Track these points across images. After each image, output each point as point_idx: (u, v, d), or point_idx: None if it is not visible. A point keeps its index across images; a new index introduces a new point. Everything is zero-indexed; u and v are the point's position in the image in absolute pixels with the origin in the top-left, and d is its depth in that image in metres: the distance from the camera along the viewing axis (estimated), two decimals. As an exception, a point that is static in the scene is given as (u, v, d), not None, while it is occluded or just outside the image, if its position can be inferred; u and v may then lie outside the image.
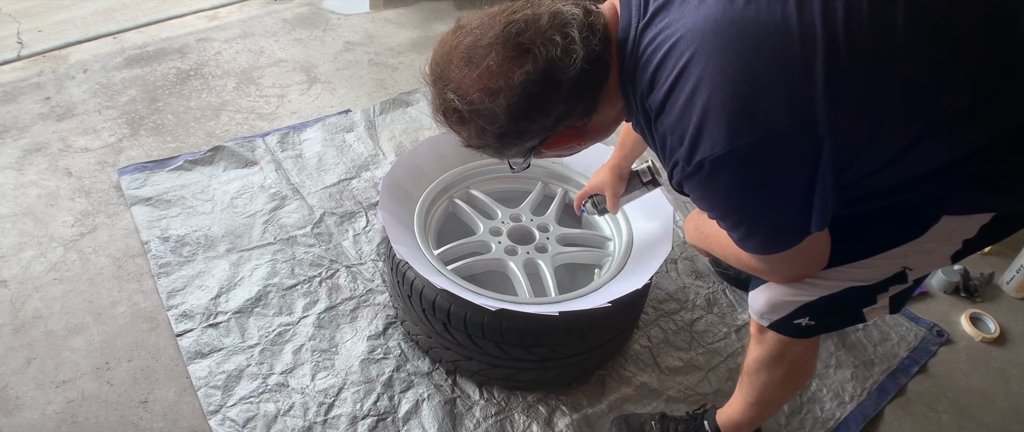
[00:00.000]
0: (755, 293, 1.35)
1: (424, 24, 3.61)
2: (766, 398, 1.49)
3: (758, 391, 1.48)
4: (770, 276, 1.26)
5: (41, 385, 1.80)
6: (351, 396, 1.79)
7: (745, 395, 1.53)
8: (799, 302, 1.27)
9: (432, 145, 2.07)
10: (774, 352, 1.39)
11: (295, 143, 2.64)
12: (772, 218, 1.08)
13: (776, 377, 1.43)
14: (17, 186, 2.40)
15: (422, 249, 1.82)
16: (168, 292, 2.02)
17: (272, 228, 2.26)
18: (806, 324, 1.30)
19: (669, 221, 1.89)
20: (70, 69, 3.07)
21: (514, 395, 1.83)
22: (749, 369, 1.47)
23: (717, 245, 1.36)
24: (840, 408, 1.91)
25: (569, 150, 1.22)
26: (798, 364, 1.42)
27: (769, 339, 1.38)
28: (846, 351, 2.06)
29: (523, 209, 2.05)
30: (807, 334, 1.33)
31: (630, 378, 1.92)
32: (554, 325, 1.68)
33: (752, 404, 1.52)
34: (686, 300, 2.17)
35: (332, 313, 2.00)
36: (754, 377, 1.47)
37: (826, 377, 1.99)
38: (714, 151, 0.98)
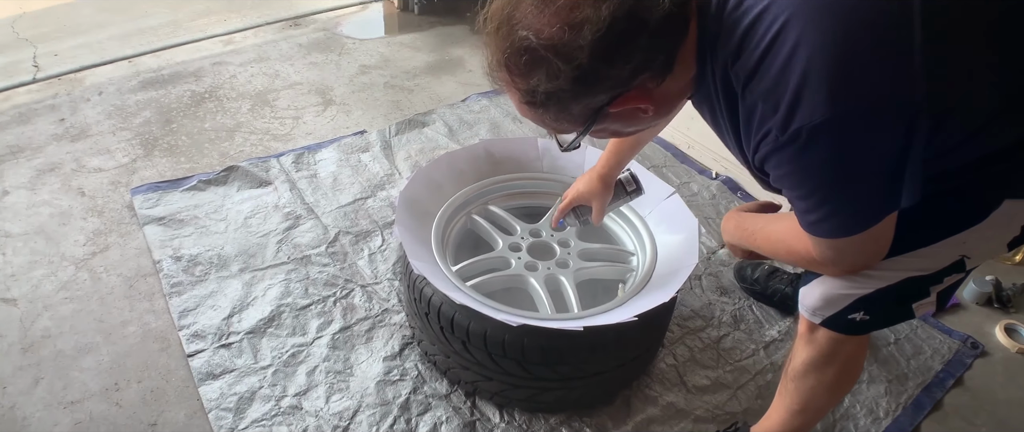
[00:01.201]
0: (807, 288, 1.28)
1: (440, 48, 3.59)
2: (812, 404, 1.42)
3: (804, 397, 1.41)
4: (829, 267, 1.19)
5: (49, 406, 1.74)
6: (367, 419, 1.72)
7: (788, 403, 1.45)
8: (855, 295, 1.21)
9: (450, 161, 2.03)
10: (825, 352, 1.32)
11: (310, 163, 2.60)
12: (860, 194, 1.01)
13: (826, 380, 1.36)
14: (30, 205, 2.38)
15: (440, 265, 1.76)
16: (180, 312, 1.97)
17: (286, 247, 2.22)
18: (860, 319, 1.23)
19: (694, 233, 1.82)
20: (85, 91, 3.06)
21: (536, 418, 1.76)
22: (796, 373, 1.40)
23: (764, 240, 1.30)
24: (875, 424, 1.83)
25: (631, 122, 1.12)
26: (849, 365, 1.35)
27: (820, 338, 1.32)
28: (879, 366, 1.98)
29: (543, 224, 1.99)
30: (860, 330, 1.27)
31: (656, 398, 1.84)
32: (578, 341, 1.61)
33: (796, 412, 1.45)
34: (712, 317, 2.10)
35: (347, 333, 1.94)
36: (801, 382, 1.39)
37: (859, 393, 1.90)
38: (813, 118, 0.92)
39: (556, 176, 2.11)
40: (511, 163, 2.10)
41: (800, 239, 1.15)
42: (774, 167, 1.02)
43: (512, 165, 2.10)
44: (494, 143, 2.12)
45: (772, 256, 1.32)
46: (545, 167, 2.12)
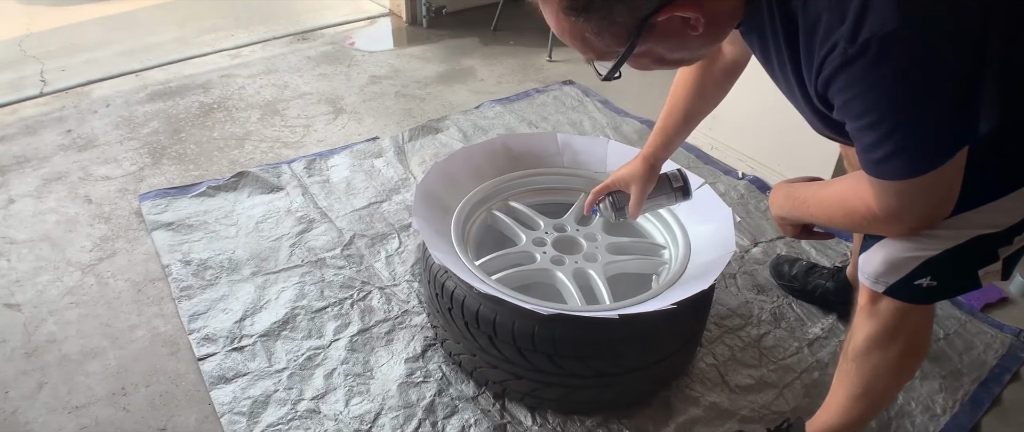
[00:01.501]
0: (868, 254, 1.19)
1: (450, 59, 3.53)
2: (876, 387, 1.32)
3: (866, 379, 1.31)
4: (893, 223, 1.08)
5: (53, 411, 1.65)
6: (389, 422, 1.62)
7: (848, 388, 1.35)
8: (921, 257, 1.12)
9: (466, 156, 1.95)
10: (889, 324, 1.22)
11: (322, 169, 2.52)
12: (932, 120, 0.92)
13: (891, 357, 1.26)
14: (35, 213, 2.30)
15: (461, 258, 1.67)
16: (189, 315, 1.88)
17: (299, 251, 2.13)
18: (927, 285, 1.14)
19: (729, 221, 1.74)
20: (92, 104, 3.01)
21: (570, 420, 1.65)
22: (857, 351, 1.30)
23: (817, 205, 1.21)
24: (933, 422, 1.72)
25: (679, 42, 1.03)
26: (914, 339, 1.25)
27: (883, 309, 1.22)
28: (930, 362, 1.88)
29: (567, 219, 1.90)
30: (927, 298, 1.18)
31: (698, 398, 1.74)
32: (613, 332, 1.51)
33: (858, 398, 1.34)
34: (750, 315, 2.00)
35: (366, 336, 1.85)
36: (862, 361, 1.29)
37: (913, 390, 1.80)
38: (885, 27, 0.85)
39: (578, 171, 2.03)
40: (530, 158, 2.02)
41: (859, 196, 1.07)
42: (839, 91, 0.94)
43: (531, 160, 2.02)
44: (512, 138, 2.05)
45: (827, 222, 1.23)
46: (566, 162, 2.04)
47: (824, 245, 2.27)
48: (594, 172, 2.01)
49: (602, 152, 2.03)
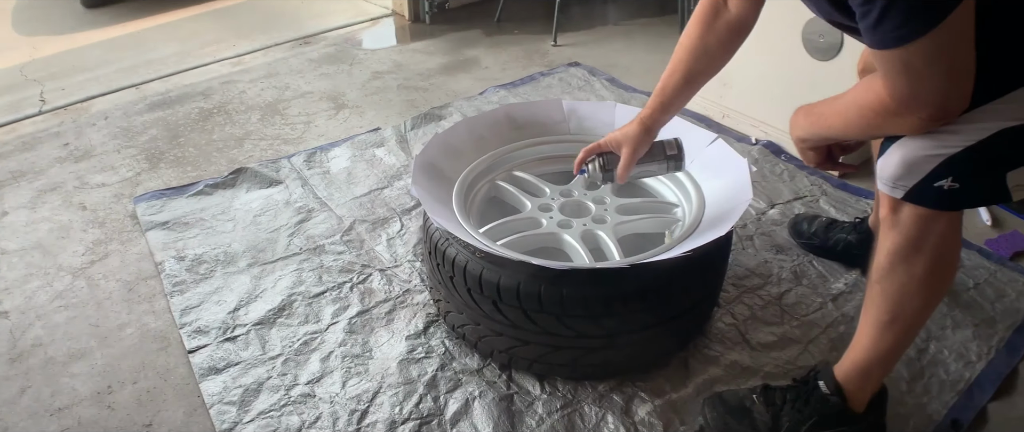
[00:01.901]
0: (884, 158, 1.10)
1: (454, 51, 3.45)
2: (904, 309, 1.20)
3: (893, 300, 1.19)
4: (908, 109, 1.00)
5: (34, 414, 1.56)
6: (388, 400, 1.51)
7: (875, 315, 1.23)
8: (940, 156, 1.04)
9: (469, 126, 1.85)
10: (912, 235, 1.12)
11: (322, 161, 2.44)
12: None
13: (917, 273, 1.15)
14: (28, 223, 2.23)
15: (464, 225, 1.56)
16: (181, 310, 1.79)
17: (298, 239, 2.04)
18: (949, 187, 1.05)
19: (745, 172, 1.61)
20: (91, 118, 2.95)
21: (582, 386, 1.53)
22: (881, 270, 1.18)
23: (833, 113, 1.15)
24: (968, 368, 1.59)
25: None
26: (941, 252, 1.14)
27: (905, 219, 1.12)
28: (961, 310, 1.75)
29: (574, 185, 1.79)
30: (950, 203, 1.08)
31: (717, 358, 1.61)
32: (624, 287, 1.39)
33: (887, 325, 1.22)
34: (769, 275, 1.87)
35: (365, 317, 1.75)
36: (887, 280, 1.18)
37: (944, 338, 1.67)
38: None
39: (584, 137, 1.90)
40: (535, 127, 1.91)
41: (871, 89, 1.03)
42: None
43: (536, 129, 1.91)
44: (516, 107, 1.94)
45: (844, 129, 1.15)
46: (572, 129, 1.93)
47: (843, 203, 2.14)
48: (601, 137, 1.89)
49: (609, 117, 1.92)
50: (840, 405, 1.33)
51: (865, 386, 1.32)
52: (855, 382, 1.32)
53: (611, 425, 1.46)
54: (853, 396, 1.33)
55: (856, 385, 1.32)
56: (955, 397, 1.54)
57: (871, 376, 1.30)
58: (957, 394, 1.54)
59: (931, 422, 1.48)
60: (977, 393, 1.55)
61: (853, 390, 1.33)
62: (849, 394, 1.33)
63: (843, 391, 1.33)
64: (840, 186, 2.25)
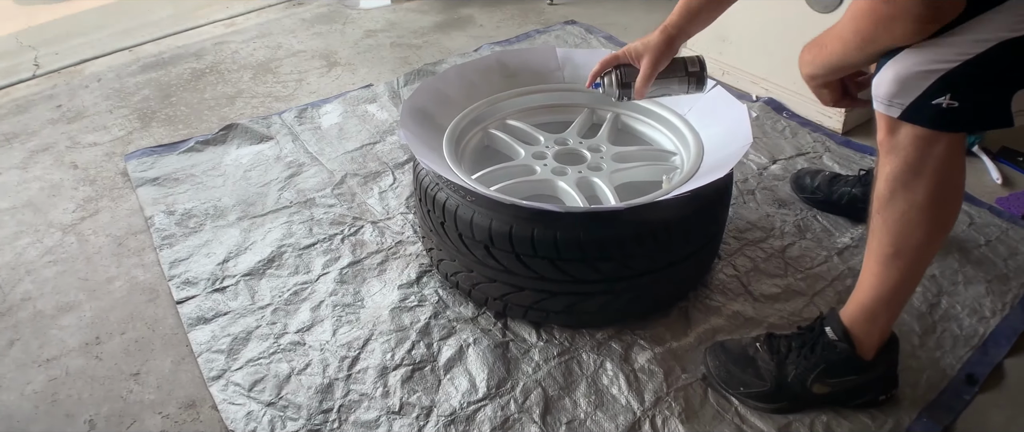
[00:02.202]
0: (880, 75, 1.05)
1: (448, 9, 3.39)
2: (907, 240, 1.15)
3: (894, 230, 1.14)
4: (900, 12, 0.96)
5: (22, 365, 1.53)
6: (380, 347, 1.48)
7: (878, 249, 1.18)
8: (937, 71, 0.99)
9: (459, 73, 1.80)
10: (911, 158, 1.07)
11: (313, 117, 2.39)
12: None
13: (918, 199, 1.10)
14: (20, 182, 2.20)
15: (455, 171, 1.52)
16: (170, 262, 1.76)
17: (288, 193, 2.00)
18: (947, 105, 1.00)
19: (744, 116, 1.57)
20: (84, 80, 2.91)
21: (579, 334, 1.50)
22: (882, 199, 1.14)
23: (833, 38, 1.10)
24: (982, 324, 1.55)
25: None
26: (943, 178, 1.09)
27: (903, 142, 1.07)
28: (973, 267, 1.71)
29: (569, 133, 1.75)
30: (949, 123, 1.03)
31: (719, 308, 1.57)
32: (621, 229, 1.36)
33: (890, 259, 1.17)
34: (772, 228, 1.83)
35: (357, 268, 1.71)
36: (888, 209, 1.13)
37: (957, 293, 1.63)
38: None
39: (579, 86, 1.86)
40: (528, 75, 1.87)
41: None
42: None
43: (529, 77, 1.86)
44: (508, 53, 1.90)
45: (844, 50, 1.10)
46: (566, 78, 1.88)
47: (846, 159, 2.10)
48: (600, 87, 1.85)
49: (604, 67, 1.87)
50: (848, 351, 1.29)
51: (872, 330, 1.27)
52: (861, 326, 1.27)
53: (610, 372, 1.42)
54: (861, 342, 1.29)
55: (863, 329, 1.28)
56: (969, 352, 1.49)
57: (877, 319, 1.26)
58: (971, 349, 1.50)
59: (945, 376, 1.44)
60: (992, 348, 1.51)
61: (860, 335, 1.28)
62: (856, 340, 1.29)
63: (850, 336, 1.29)
64: (844, 142, 2.20)
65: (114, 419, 1.40)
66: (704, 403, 1.38)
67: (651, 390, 1.39)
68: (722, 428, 1.34)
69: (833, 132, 2.25)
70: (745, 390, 1.36)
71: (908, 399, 1.38)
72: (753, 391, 1.36)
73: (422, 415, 1.35)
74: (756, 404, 1.36)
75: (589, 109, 1.84)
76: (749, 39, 2.45)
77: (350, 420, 1.34)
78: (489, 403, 1.36)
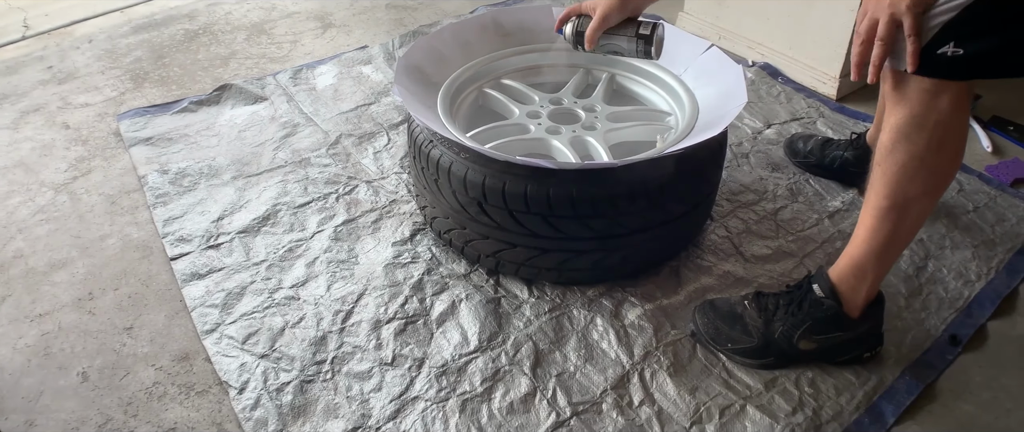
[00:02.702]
0: None
1: (446, -26, 3.35)
2: (903, 192, 1.16)
3: (892, 181, 1.15)
4: None
5: (14, 320, 1.53)
6: (373, 301, 1.49)
7: (874, 201, 1.20)
8: (940, 20, 1.00)
9: (454, 32, 1.79)
10: (917, 110, 1.09)
11: (308, 78, 2.38)
12: None
13: (918, 151, 1.11)
14: (10, 142, 2.19)
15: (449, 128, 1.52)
16: (164, 220, 1.76)
17: (283, 153, 2.00)
18: (952, 53, 1.01)
19: (739, 76, 1.57)
20: (75, 41, 2.88)
21: (571, 291, 1.51)
22: (883, 149, 1.15)
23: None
24: (967, 287, 1.57)
25: None
26: (945, 132, 1.10)
27: (909, 93, 1.08)
28: (960, 232, 1.72)
29: (564, 93, 1.74)
30: (954, 72, 1.04)
31: (710, 268, 1.59)
32: (614, 187, 1.36)
33: (884, 212, 1.19)
34: (765, 191, 1.83)
35: (351, 226, 1.72)
36: (888, 160, 1.14)
37: (943, 257, 1.65)
38: None
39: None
40: (524, 34, 1.86)
41: None
42: None
43: (525, 36, 1.85)
44: (503, 12, 1.88)
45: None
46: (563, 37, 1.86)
47: (840, 125, 2.10)
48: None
49: (601, 27, 1.86)
50: (834, 308, 1.31)
51: (859, 286, 1.29)
52: (849, 281, 1.29)
53: (600, 327, 1.44)
54: (848, 298, 1.30)
55: (850, 285, 1.29)
56: (954, 314, 1.52)
57: (866, 275, 1.27)
58: (956, 311, 1.52)
59: (929, 337, 1.47)
60: (976, 310, 1.53)
61: (847, 291, 1.30)
62: (843, 296, 1.30)
63: (838, 293, 1.30)
64: (838, 108, 2.20)
65: (107, 371, 1.41)
66: (692, 358, 1.39)
67: (640, 345, 1.40)
68: (710, 382, 1.35)
69: (827, 98, 2.25)
70: (733, 346, 1.38)
71: (892, 358, 1.40)
72: (740, 347, 1.37)
73: (414, 366, 1.36)
74: (743, 360, 1.38)
75: (584, 69, 1.84)
76: (746, 4, 2.44)
77: (343, 371, 1.35)
78: (480, 355, 1.38)
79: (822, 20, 2.21)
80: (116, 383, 1.39)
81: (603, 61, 1.81)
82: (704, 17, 2.61)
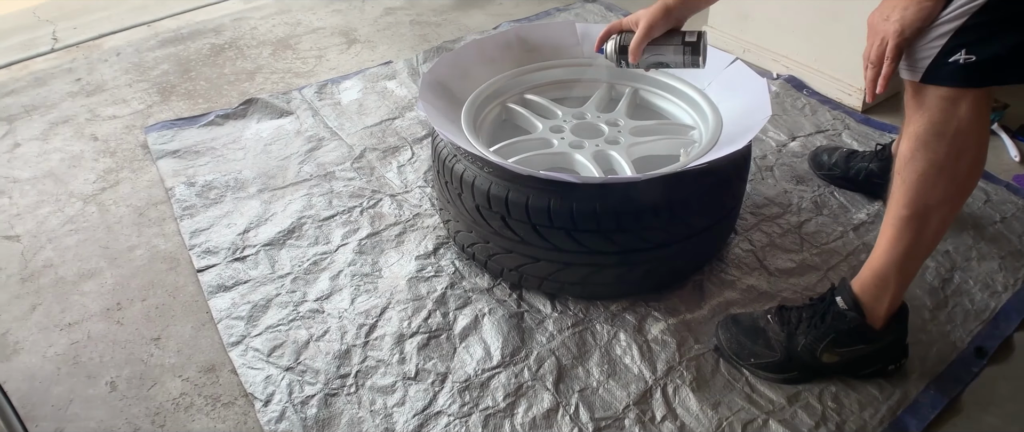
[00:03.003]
0: None
1: (469, -11, 3.38)
2: (923, 200, 1.15)
3: (913, 189, 1.15)
4: None
5: (44, 329, 1.56)
6: (397, 315, 1.50)
7: (895, 210, 1.19)
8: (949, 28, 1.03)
9: (479, 48, 1.80)
10: (936, 118, 1.09)
11: (333, 93, 2.41)
12: None
13: (938, 159, 1.11)
14: (40, 153, 2.23)
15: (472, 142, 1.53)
16: (191, 232, 1.78)
17: (308, 166, 2.02)
18: (964, 61, 1.02)
19: (764, 90, 1.57)
20: (103, 54, 2.93)
21: (594, 306, 1.51)
22: (903, 158, 1.15)
23: None
24: (994, 298, 1.55)
25: None
26: (965, 140, 1.10)
27: (928, 102, 1.09)
28: (987, 243, 1.71)
29: (587, 108, 1.75)
30: (969, 79, 1.05)
31: (733, 282, 1.58)
32: (637, 201, 1.36)
33: (905, 222, 1.18)
34: (789, 204, 1.82)
35: (375, 239, 1.73)
36: (908, 168, 1.14)
37: (969, 269, 1.63)
38: None
39: (598, 61, 1.86)
40: (547, 50, 1.87)
41: None
42: None
43: (548, 52, 1.87)
44: (527, 28, 1.89)
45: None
46: (586, 53, 1.88)
47: (866, 137, 2.09)
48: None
49: (625, 40, 1.87)
50: (857, 320, 1.30)
51: (882, 296, 1.28)
52: (872, 292, 1.28)
53: (623, 342, 1.44)
54: (871, 309, 1.29)
55: (873, 295, 1.28)
56: (980, 326, 1.50)
57: (888, 284, 1.26)
58: (982, 323, 1.50)
59: (955, 349, 1.45)
60: (1003, 322, 1.51)
61: (870, 302, 1.29)
62: (866, 307, 1.29)
63: (861, 304, 1.29)
64: (863, 120, 2.19)
65: (135, 381, 1.43)
66: (715, 373, 1.39)
67: (663, 360, 1.40)
68: (732, 397, 1.35)
69: (853, 110, 2.24)
70: (756, 361, 1.37)
71: (917, 371, 1.39)
72: (763, 362, 1.37)
73: (437, 381, 1.37)
74: (766, 374, 1.37)
75: (607, 84, 1.84)
76: (771, 17, 2.44)
77: (367, 385, 1.36)
78: (503, 370, 1.38)
79: (847, 32, 2.20)
80: (144, 393, 1.40)
81: (626, 76, 1.82)
82: (728, 31, 2.61)
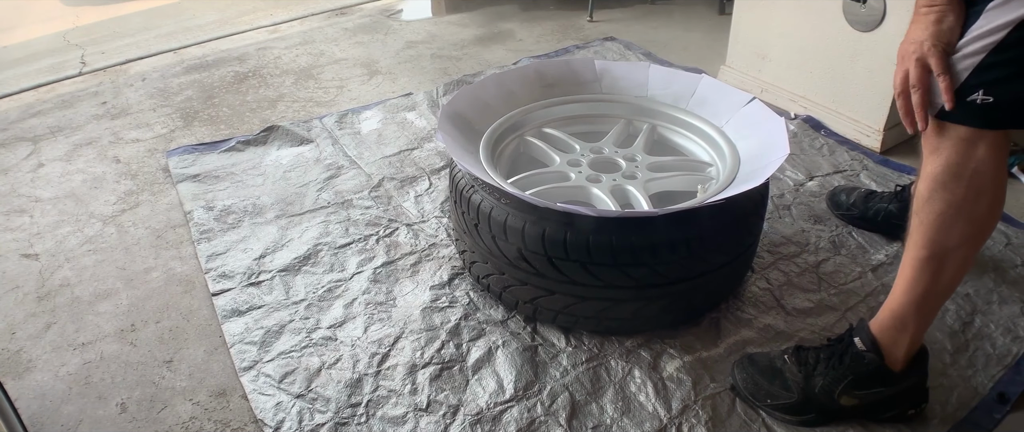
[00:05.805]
0: None
1: (488, 24, 3.42)
2: (942, 241, 1.14)
3: (931, 229, 1.13)
4: None
5: (58, 348, 1.56)
6: (410, 345, 1.49)
7: (913, 252, 1.17)
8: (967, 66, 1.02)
9: (498, 81, 1.82)
10: (952, 160, 1.08)
11: (353, 122, 2.43)
12: None
13: (955, 200, 1.10)
14: (63, 174, 2.25)
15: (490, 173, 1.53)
16: (207, 256, 1.79)
17: (326, 194, 2.03)
18: (982, 101, 1.02)
19: (781, 128, 1.56)
20: (129, 79, 2.98)
21: (609, 341, 1.50)
22: (921, 198, 1.14)
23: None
24: (1016, 343, 1.52)
25: None
26: (983, 181, 1.09)
27: (945, 142, 1.08)
28: (1009, 287, 1.68)
29: (605, 143, 1.75)
30: (987, 120, 1.04)
31: (750, 320, 1.56)
32: (654, 236, 1.35)
33: (923, 263, 1.16)
34: (807, 243, 1.81)
35: (390, 268, 1.73)
36: (925, 209, 1.13)
37: (991, 313, 1.61)
38: None
39: (616, 97, 1.87)
40: (566, 85, 1.88)
41: None
42: None
43: (567, 87, 1.88)
44: (546, 64, 1.91)
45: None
46: (604, 89, 1.89)
47: (884, 178, 2.07)
48: (634, 97, 1.86)
49: (643, 77, 1.88)
50: (876, 361, 1.28)
51: (900, 338, 1.26)
52: (890, 334, 1.26)
53: (638, 379, 1.42)
54: (889, 351, 1.27)
55: (891, 337, 1.26)
56: (1002, 371, 1.47)
57: (906, 326, 1.24)
58: (1004, 368, 1.48)
59: (976, 395, 1.42)
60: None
61: (889, 343, 1.27)
62: (885, 349, 1.27)
63: (879, 346, 1.27)
64: (882, 161, 2.18)
65: (145, 403, 1.42)
66: (731, 413, 1.37)
67: (679, 398, 1.38)
68: (750, 439, 1.32)
69: (871, 150, 2.23)
70: (772, 402, 1.35)
71: (937, 416, 1.36)
72: (780, 403, 1.34)
73: (449, 413, 1.35)
74: (783, 416, 1.35)
75: (625, 120, 1.85)
76: (789, 57, 2.44)
77: (378, 415, 1.35)
78: (516, 405, 1.37)
79: (866, 73, 2.20)
80: (154, 416, 1.40)
81: (644, 112, 1.83)
82: (746, 71, 2.61)
